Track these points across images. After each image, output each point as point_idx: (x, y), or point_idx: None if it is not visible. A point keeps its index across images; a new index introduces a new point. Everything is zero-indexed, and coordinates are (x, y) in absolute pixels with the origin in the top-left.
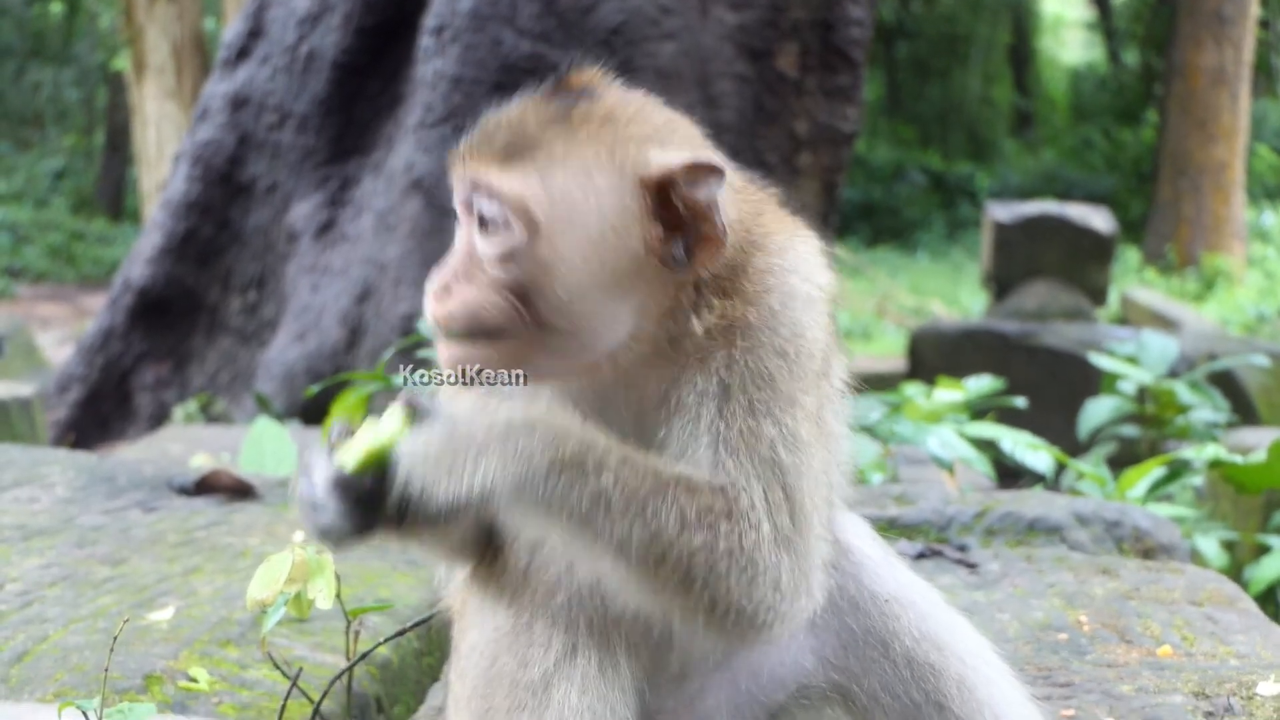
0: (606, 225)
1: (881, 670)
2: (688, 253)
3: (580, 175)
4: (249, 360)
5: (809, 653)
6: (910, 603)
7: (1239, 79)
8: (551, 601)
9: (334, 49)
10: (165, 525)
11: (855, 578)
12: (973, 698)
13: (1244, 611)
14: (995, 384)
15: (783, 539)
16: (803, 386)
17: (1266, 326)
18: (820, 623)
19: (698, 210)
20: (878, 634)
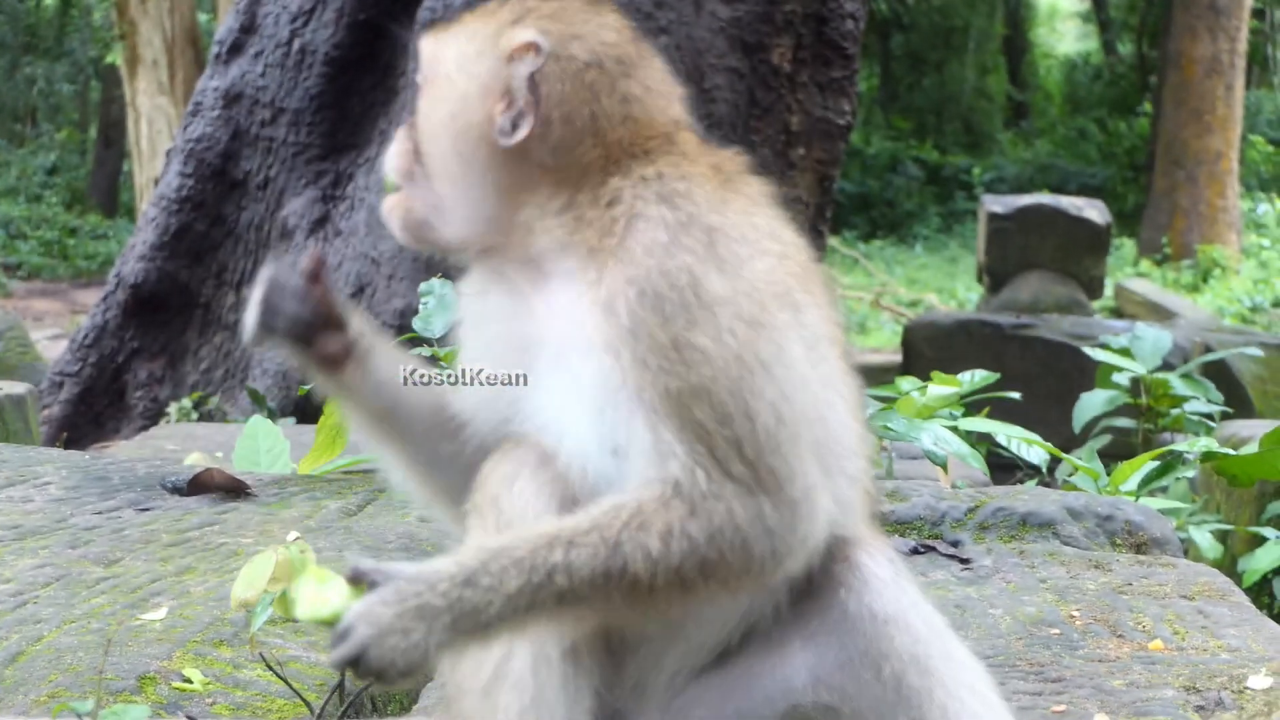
0: (463, 88)
1: (872, 692)
2: (513, 128)
3: (461, 39)
4: (243, 356)
5: (803, 669)
6: (907, 625)
7: (1233, 69)
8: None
9: (327, 44)
10: (159, 525)
11: (858, 595)
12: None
13: (1236, 605)
14: (989, 377)
15: (748, 488)
16: (690, 321)
17: (1262, 317)
18: (816, 640)
19: (515, 86)
20: (871, 655)
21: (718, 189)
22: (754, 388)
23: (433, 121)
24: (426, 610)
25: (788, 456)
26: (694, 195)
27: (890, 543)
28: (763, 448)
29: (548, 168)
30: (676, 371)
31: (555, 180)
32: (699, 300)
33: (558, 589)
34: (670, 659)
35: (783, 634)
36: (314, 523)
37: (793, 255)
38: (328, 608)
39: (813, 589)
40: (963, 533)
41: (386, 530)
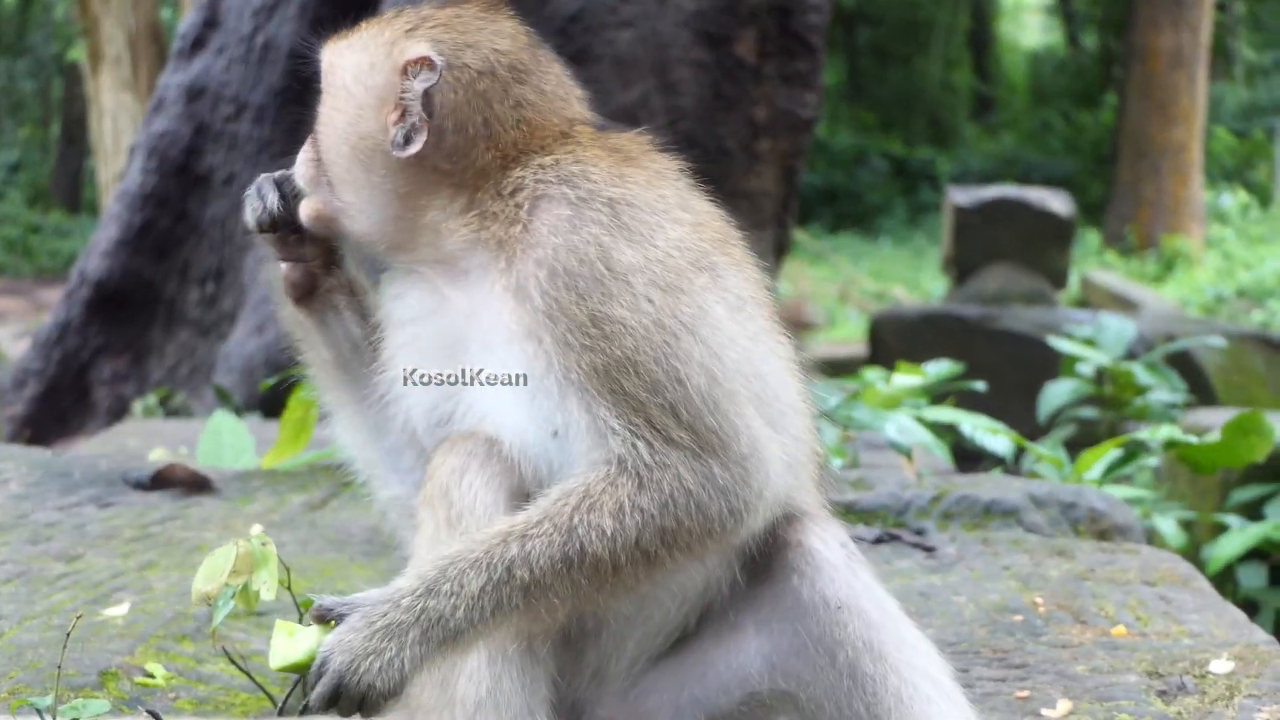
0: (359, 99)
1: (827, 679)
2: (406, 140)
3: (357, 51)
4: (208, 353)
5: (757, 657)
6: (861, 611)
7: (1197, 61)
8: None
9: (290, 38)
10: (121, 520)
11: (810, 581)
12: (907, 714)
13: (1198, 591)
14: (955, 368)
15: (693, 452)
16: (604, 294)
17: (1225, 307)
18: (771, 627)
19: (410, 100)
20: (825, 642)
21: (617, 165)
22: (680, 352)
23: (331, 131)
24: (394, 628)
25: (728, 414)
26: (590, 174)
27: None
28: (699, 409)
29: (444, 172)
30: (599, 347)
31: (454, 183)
32: (610, 272)
33: (520, 583)
34: (629, 647)
35: (737, 621)
36: (278, 517)
37: (707, 223)
38: (300, 652)
39: (765, 575)
40: (927, 521)
41: (350, 524)
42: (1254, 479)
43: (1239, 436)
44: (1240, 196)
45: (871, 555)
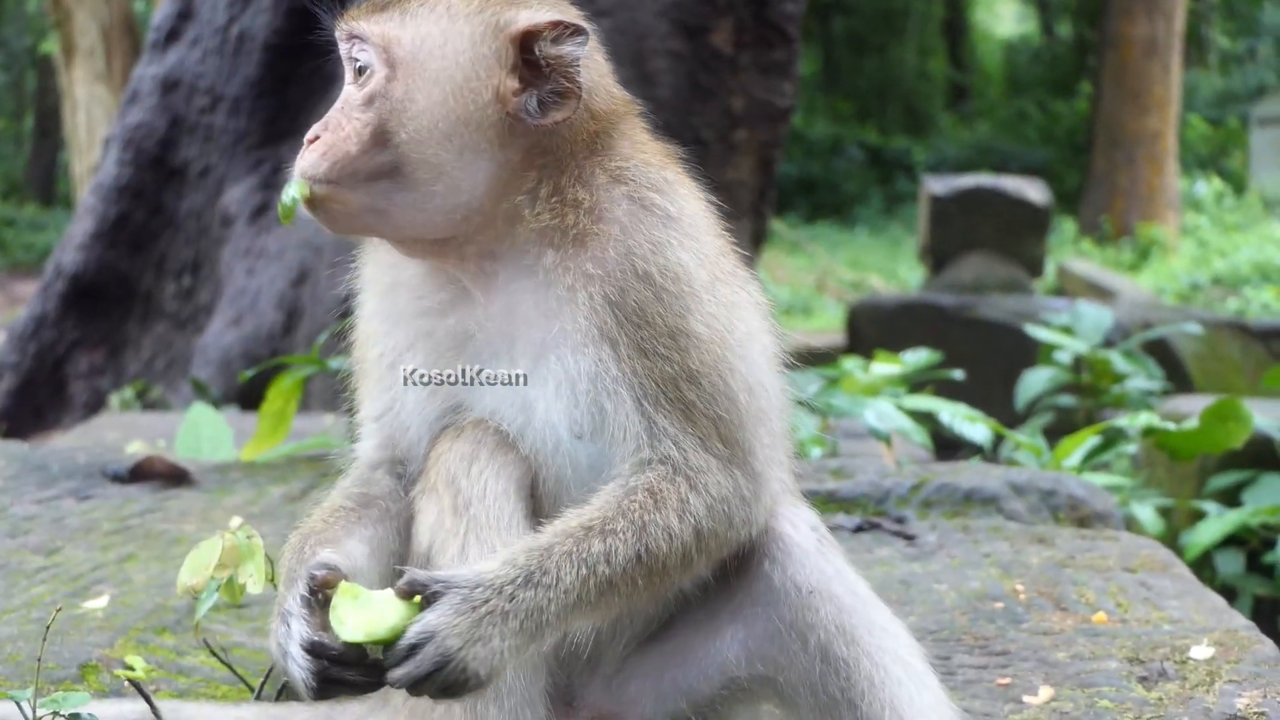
0: (461, 70)
1: (801, 663)
2: (542, 108)
3: (444, 20)
4: (185, 346)
5: (734, 643)
6: (832, 595)
7: (1170, 50)
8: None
9: (265, 30)
10: (99, 513)
11: (781, 567)
12: (879, 698)
13: (1178, 577)
14: (933, 357)
15: (725, 462)
16: (684, 307)
17: (1200, 295)
18: (744, 613)
19: (559, 65)
20: (798, 626)
21: (675, 176)
22: (733, 367)
23: (416, 111)
24: (497, 615)
25: (756, 431)
26: (667, 179)
27: (833, 519)
28: (740, 424)
29: (547, 150)
30: (673, 358)
31: (551, 163)
32: (690, 288)
33: (601, 579)
34: (619, 633)
35: (712, 607)
36: (257, 509)
37: (723, 234)
38: (384, 626)
39: (738, 561)
40: (907, 509)
41: None
42: (1231, 466)
43: (1217, 423)
44: (1215, 184)
45: (852, 544)
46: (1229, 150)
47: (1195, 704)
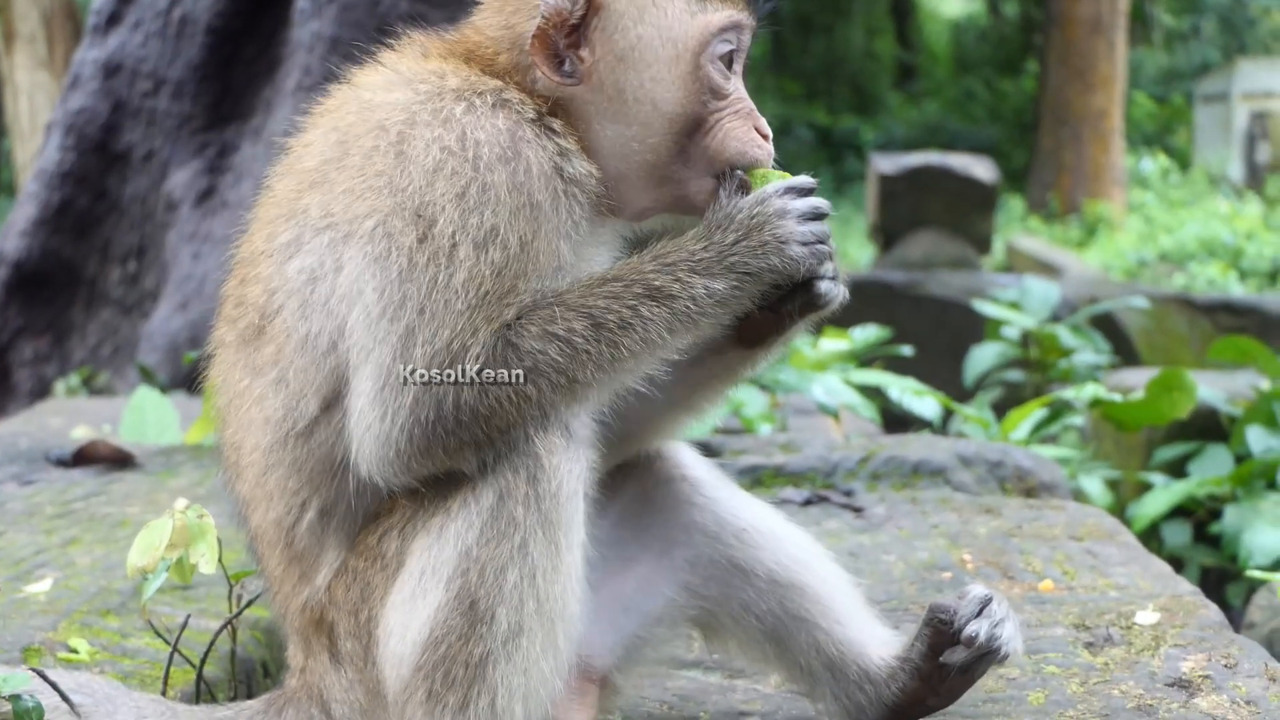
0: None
1: (745, 594)
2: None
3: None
4: (131, 331)
5: (674, 585)
6: (768, 531)
7: (1115, 28)
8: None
9: (207, 13)
10: (42, 498)
11: (713, 512)
12: (832, 610)
13: (1123, 544)
14: (882, 333)
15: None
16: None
17: (1147, 271)
18: (682, 555)
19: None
20: (737, 561)
21: None
22: None
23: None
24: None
25: None
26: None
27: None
28: None
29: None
30: None
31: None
32: None
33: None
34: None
35: (650, 561)
36: (203, 490)
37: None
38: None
39: (659, 507)
40: (855, 482)
41: None
42: (1177, 437)
43: (1162, 393)
44: (1161, 161)
45: (801, 517)
46: (1174, 127)
47: (1141, 668)
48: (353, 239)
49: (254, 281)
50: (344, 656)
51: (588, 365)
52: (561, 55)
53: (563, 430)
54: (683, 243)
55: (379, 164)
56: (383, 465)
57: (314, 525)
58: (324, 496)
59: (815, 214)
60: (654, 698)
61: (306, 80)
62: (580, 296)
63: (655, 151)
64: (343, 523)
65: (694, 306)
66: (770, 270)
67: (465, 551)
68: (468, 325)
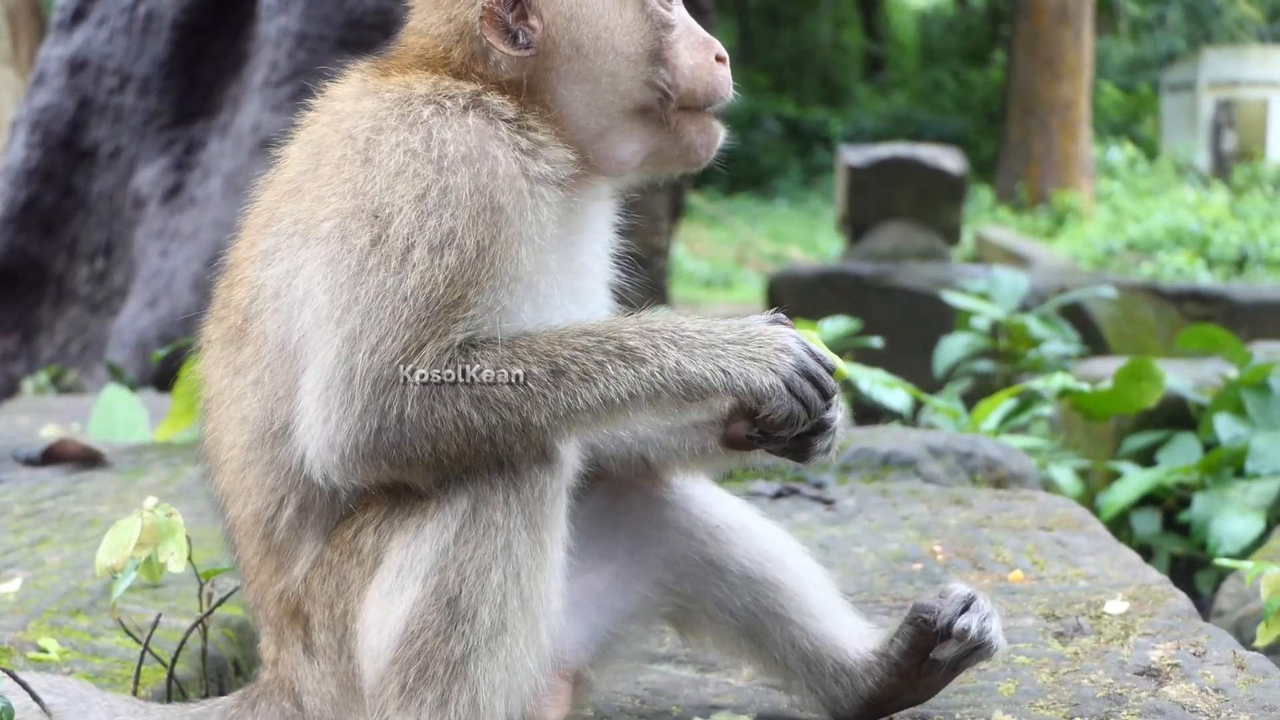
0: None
1: (719, 590)
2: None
3: None
4: (100, 329)
5: (647, 583)
6: (741, 527)
7: (1081, 17)
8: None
9: (173, 9)
10: (10, 497)
11: (685, 509)
12: (807, 605)
13: (1093, 534)
14: (851, 325)
15: None
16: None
17: (1115, 260)
18: (655, 553)
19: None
20: (710, 558)
21: None
22: None
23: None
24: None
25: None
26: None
27: (752, 485)
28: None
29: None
30: None
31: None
32: None
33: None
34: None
35: (625, 558)
36: (172, 489)
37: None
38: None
39: (635, 506)
40: (826, 475)
41: None
42: (1146, 426)
43: (1131, 382)
44: (1128, 150)
45: (772, 510)
46: (1141, 116)
47: (1110, 657)
48: (310, 240)
49: (240, 285)
50: (318, 649)
51: (542, 409)
52: (512, 29)
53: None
54: (676, 318)
55: (346, 171)
56: (328, 468)
57: (292, 520)
58: (301, 494)
59: (817, 381)
60: (626, 692)
61: (274, 76)
62: (548, 342)
63: (628, 95)
64: (320, 517)
65: (659, 377)
66: (745, 382)
67: (443, 550)
68: (413, 338)
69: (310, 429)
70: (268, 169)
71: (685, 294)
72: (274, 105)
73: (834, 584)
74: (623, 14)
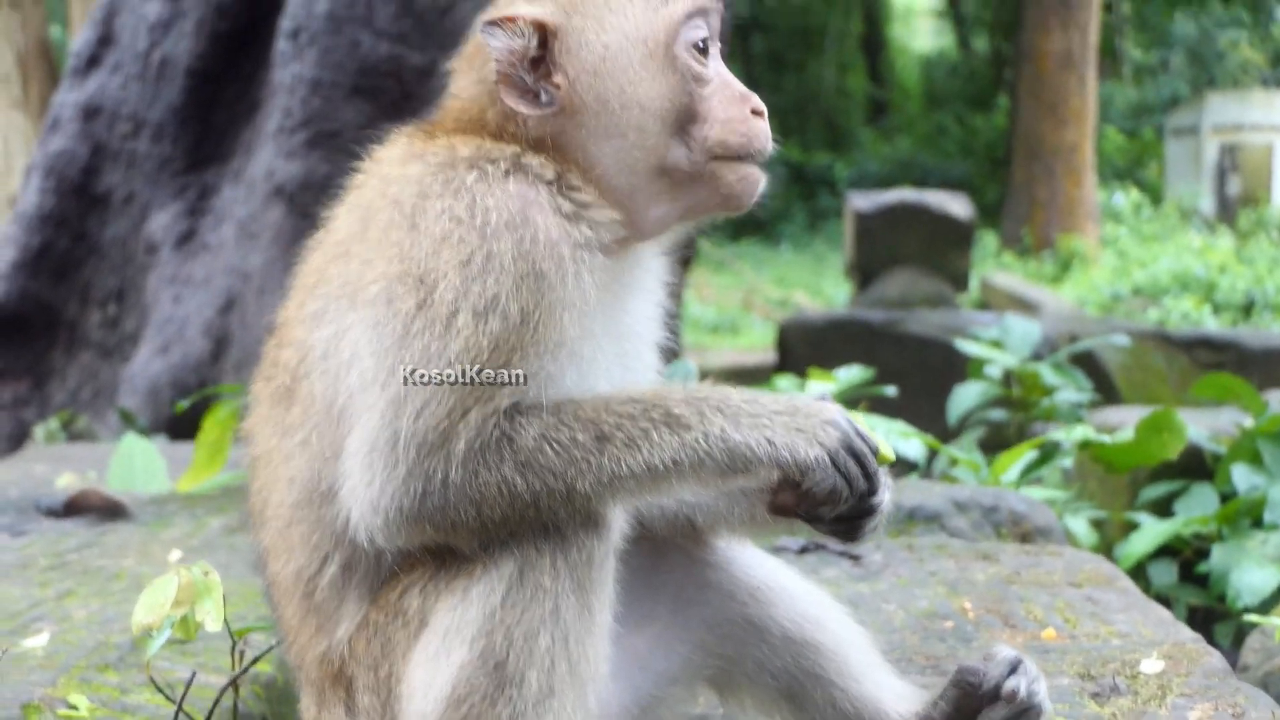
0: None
1: (760, 652)
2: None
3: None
4: (111, 375)
5: (689, 644)
6: (781, 588)
7: (1085, 62)
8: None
9: (188, 55)
10: (35, 549)
11: (726, 571)
12: (848, 666)
13: (1123, 591)
14: (865, 373)
15: None
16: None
17: (1122, 305)
18: (697, 614)
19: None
20: (752, 619)
21: None
22: None
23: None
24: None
25: None
26: None
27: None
28: None
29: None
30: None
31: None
32: None
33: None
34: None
35: (668, 619)
36: (196, 541)
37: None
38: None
39: (676, 565)
40: None
41: None
42: (1163, 476)
43: (1152, 434)
44: (1132, 195)
45: (798, 565)
46: (1145, 161)
47: (1149, 718)
48: (358, 304)
49: (289, 345)
50: (360, 711)
51: (587, 476)
52: (534, 89)
53: (584, 518)
54: (725, 388)
55: (393, 236)
56: (372, 531)
57: (336, 579)
58: (346, 553)
59: (861, 459)
60: None
61: (287, 122)
62: (594, 408)
63: (657, 152)
64: (365, 578)
65: (704, 444)
66: (789, 452)
67: (490, 613)
68: (458, 404)
69: (354, 491)
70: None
71: (693, 340)
72: (287, 152)
73: (874, 645)
74: (649, 68)
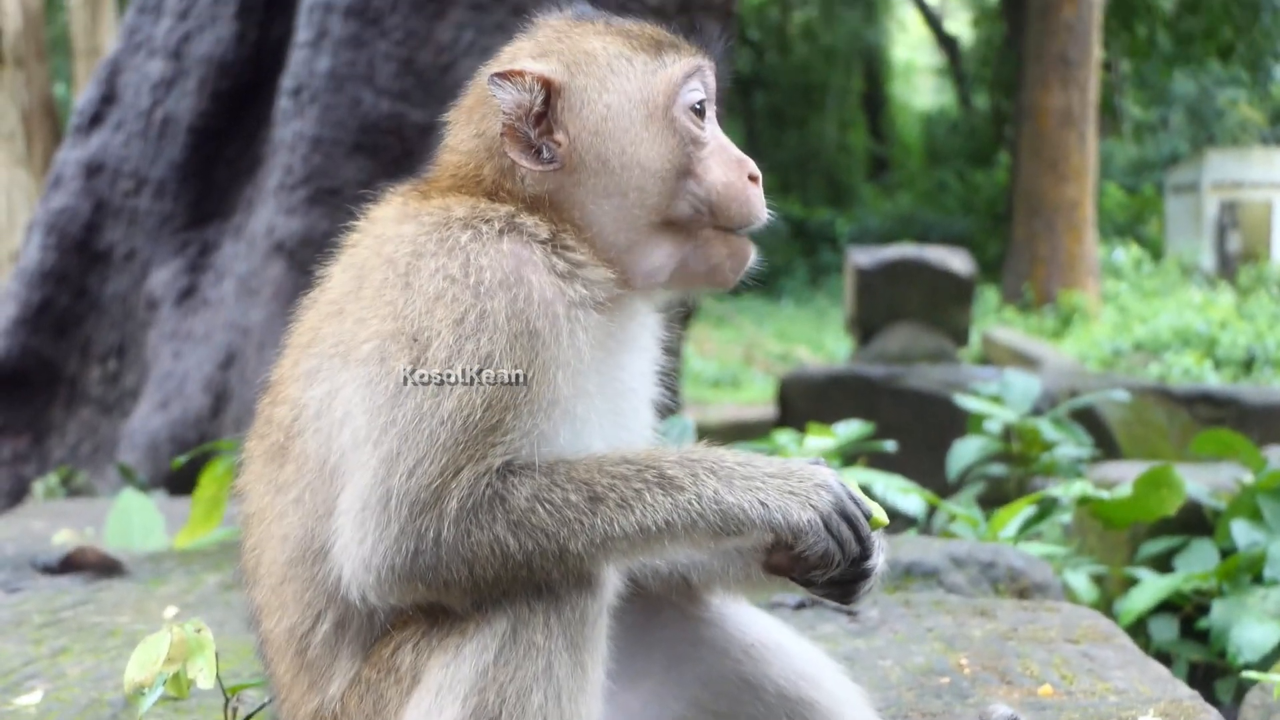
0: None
1: (754, 709)
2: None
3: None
4: (111, 431)
5: (683, 701)
6: (776, 645)
7: (1085, 120)
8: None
9: (190, 113)
10: (30, 606)
11: (720, 628)
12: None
13: (1120, 647)
14: (865, 428)
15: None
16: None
17: (1123, 361)
18: (691, 671)
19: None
20: (746, 677)
21: None
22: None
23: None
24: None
25: None
26: None
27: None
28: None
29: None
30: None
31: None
32: None
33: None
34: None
35: (662, 675)
36: (192, 598)
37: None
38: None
39: (669, 621)
40: None
41: None
42: (1163, 532)
43: (1151, 490)
44: (1133, 251)
45: (795, 621)
46: (1145, 217)
47: None
48: (351, 362)
49: (282, 403)
50: None
51: (579, 536)
52: (536, 145)
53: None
54: (719, 450)
55: (387, 295)
56: (364, 589)
57: (328, 636)
58: (338, 610)
59: (853, 523)
60: None
61: (288, 179)
62: (587, 469)
63: (656, 210)
64: (358, 635)
65: (696, 506)
66: (782, 515)
67: (483, 670)
68: (450, 462)
69: (346, 549)
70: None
71: (694, 394)
72: (288, 208)
73: (870, 702)
74: (650, 129)
